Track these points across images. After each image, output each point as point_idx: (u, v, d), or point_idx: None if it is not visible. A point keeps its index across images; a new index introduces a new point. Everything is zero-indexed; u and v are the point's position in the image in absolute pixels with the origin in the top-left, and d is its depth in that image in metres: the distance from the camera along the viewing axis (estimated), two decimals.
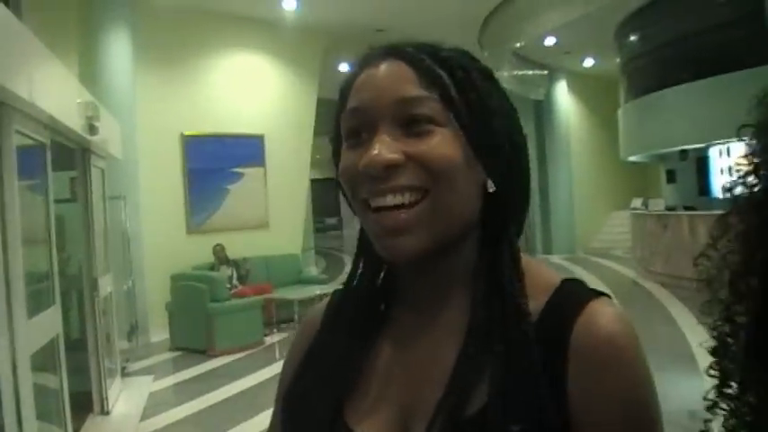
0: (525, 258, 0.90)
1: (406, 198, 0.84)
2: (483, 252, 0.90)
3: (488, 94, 0.90)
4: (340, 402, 0.91)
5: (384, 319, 0.97)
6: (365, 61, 0.92)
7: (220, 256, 10.52)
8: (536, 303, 0.85)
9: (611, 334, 0.82)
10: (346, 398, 0.91)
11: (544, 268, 0.93)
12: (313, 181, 17.94)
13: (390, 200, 0.84)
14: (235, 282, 10.38)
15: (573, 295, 0.86)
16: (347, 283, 1.00)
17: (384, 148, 0.83)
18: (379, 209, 0.85)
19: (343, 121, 0.90)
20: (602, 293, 0.86)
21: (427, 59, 0.87)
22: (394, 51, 0.89)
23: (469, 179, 0.87)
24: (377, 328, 0.96)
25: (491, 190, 0.88)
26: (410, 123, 0.85)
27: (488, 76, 0.92)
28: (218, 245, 10.60)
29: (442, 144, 0.84)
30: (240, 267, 10.71)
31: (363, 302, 0.97)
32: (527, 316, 0.83)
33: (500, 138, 0.89)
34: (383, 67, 0.88)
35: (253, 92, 12.22)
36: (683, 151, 15.08)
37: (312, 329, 1.03)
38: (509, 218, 0.92)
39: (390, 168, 0.83)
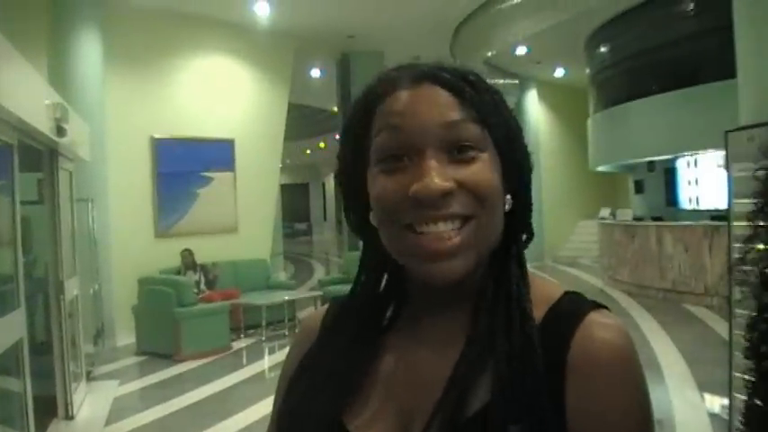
0: (528, 271, 0.93)
1: (456, 225, 0.84)
2: (492, 264, 0.91)
3: (510, 114, 0.93)
4: (339, 408, 0.91)
5: (386, 328, 0.98)
6: (394, 83, 0.90)
7: (187, 261, 10.47)
8: (537, 314, 0.87)
9: (609, 346, 0.83)
10: (346, 404, 0.92)
11: (546, 281, 0.95)
12: (283, 186, 17.94)
13: (442, 227, 0.84)
14: (202, 287, 10.33)
15: (572, 307, 0.88)
16: (351, 293, 1.01)
17: (438, 176, 0.83)
18: (425, 234, 0.84)
19: (379, 144, 0.88)
20: (601, 306, 0.88)
21: (465, 85, 0.88)
22: (430, 75, 0.89)
23: (502, 199, 0.89)
24: (378, 336, 0.97)
25: (508, 208, 0.90)
26: (456, 149, 0.85)
27: (501, 96, 0.94)
28: (185, 249, 10.54)
29: (486, 169, 0.86)
30: (208, 272, 10.66)
31: (365, 311, 0.98)
32: (531, 320, 0.85)
33: (520, 156, 0.93)
34: (424, 92, 0.88)
35: (223, 96, 12.18)
36: (651, 162, 15.25)
37: (309, 338, 1.04)
38: (519, 232, 0.95)
39: (447, 197, 0.83)
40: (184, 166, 11.52)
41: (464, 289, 0.90)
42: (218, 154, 11.99)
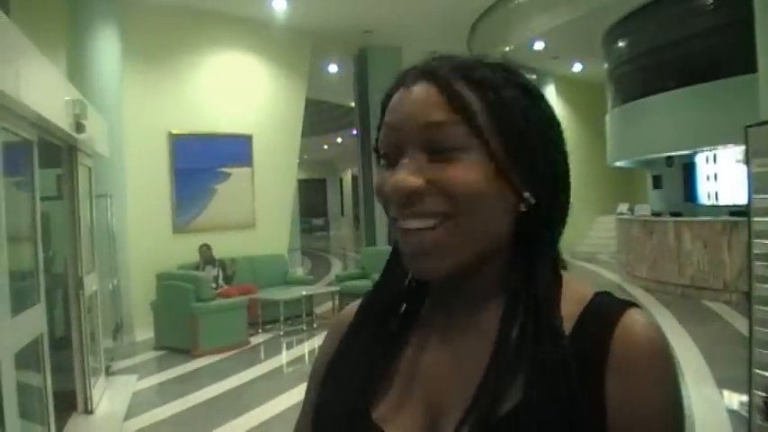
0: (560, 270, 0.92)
1: (431, 222, 0.84)
2: (516, 266, 0.90)
3: (523, 111, 0.88)
4: (366, 400, 0.92)
5: (414, 320, 0.99)
6: (402, 79, 0.91)
7: (206, 256, 10.51)
8: (568, 315, 0.86)
9: (649, 344, 0.83)
10: (372, 395, 0.93)
11: (578, 280, 0.94)
12: (300, 181, 17.96)
13: (416, 224, 0.85)
14: (220, 282, 10.36)
15: (608, 306, 0.87)
16: (377, 285, 1.03)
17: (406, 175, 0.84)
18: (405, 229, 0.87)
19: (378, 139, 0.92)
20: (634, 304, 0.88)
21: (458, 83, 0.87)
22: (428, 73, 0.88)
23: (496, 200, 0.86)
24: (404, 331, 0.98)
25: (523, 209, 0.88)
26: (435, 149, 0.85)
27: (527, 90, 0.91)
28: (204, 245, 10.58)
29: (466, 171, 0.84)
30: (227, 267, 10.69)
31: (390, 306, 0.99)
32: (561, 335, 0.84)
33: (536, 155, 0.89)
34: (415, 90, 0.88)
35: (241, 91, 12.22)
36: (670, 157, 15.17)
37: (340, 331, 1.05)
38: (545, 233, 0.91)
39: (413, 195, 0.84)
40: (202, 161, 11.58)
41: (490, 290, 0.90)
42: (235, 150, 12.03)
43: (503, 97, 0.88)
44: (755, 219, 4.60)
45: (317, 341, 9.67)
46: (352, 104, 17.48)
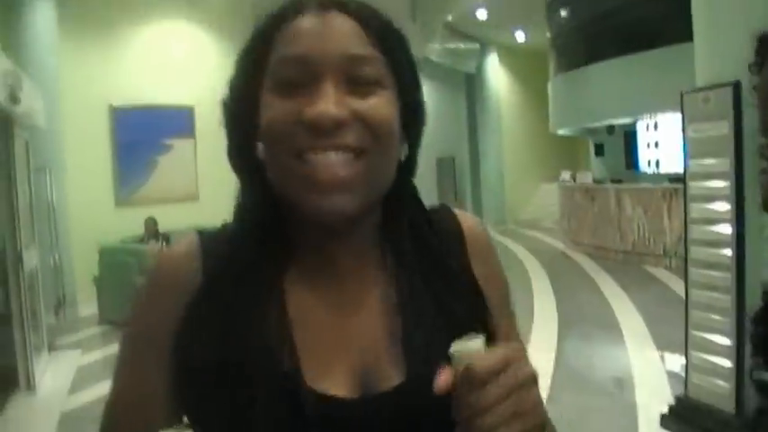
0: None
1: (349, 157, 0.81)
2: (391, 210, 0.94)
3: (413, 60, 0.92)
4: (297, 359, 0.84)
5: (281, 266, 0.90)
6: (300, 7, 0.87)
7: (151, 231, 10.37)
8: None
9: (482, 225, 1.09)
10: (290, 354, 0.84)
11: None
12: None
13: (333, 157, 0.81)
14: None
15: (440, 212, 1.05)
16: (230, 237, 0.92)
17: (333, 104, 0.80)
18: (321, 163, 0.81)
19: (277, 68, 0.85)
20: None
21: (373, 19, 0.87)
22: (339, 4, 0.86)
23: (396, 141, 0.87)
24: (279, 275, 0.89)
25: (403, 157, 0.90)
26: (356, 81, 0.83)
27: (406, 37, 0.92)
28: (150, 218, 10.44)
29: (385, 105, 0.84)
30: (171, 240, 10.57)
31: (255, 257, 0.89)
32: (448, 262, 0.97)
33: (420, 104, 0.92)
34: (332, 19, 0.85)
35: (183, 62, 12.05)
36: (611, 125, 15.36)
37: (186, 279, 0.90)
38: (411, 178, 0.97)
39: (341, 125, 0.81)
40: (143, 133, 11.44)
41: (362, 224, 0.90)
42: (177, 121, 11.89)
43: (401, 39, 0.90)
44: (691, 183, 4.70)
45: None
46: None
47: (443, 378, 0.73)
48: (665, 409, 4.91)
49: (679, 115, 4.80)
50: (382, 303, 0.90)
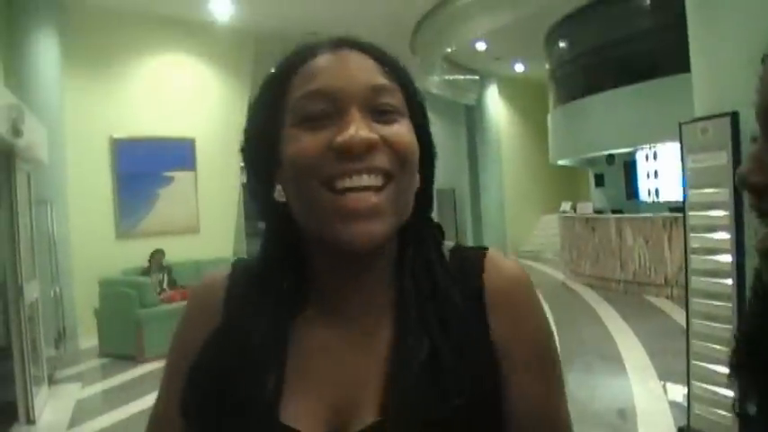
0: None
1: (380, 181, 0.84)
2: (407, 246, 0.94)
3: (421, 95, 0.96)
4: (272, 396, 0.86)
5: (295, 311, 0.93)
6: (313, 49, 0.91)
7: (158, 262, 10.34)
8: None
9: (516, 276, 0.95)
10: (279, 390, 0.87)
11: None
12: (244, 185, 17.82)
13: (366, 180, 0.83)
14: (165, 286, 10.23)
15: (467, 252, 0.96)
16: (265, 259, 0.97)
17: (363, 128, 0.83)
18: (345, 191, 0.83)
19: (300, 103, 0.87)
20: (486, 248, 0.97)
21: (383, 54, 0.91)
22: (350, 43, 0.91)
23: (417, 168, 0.90)
24: (292, 314, 0.93)
25: (418, 187, 0.92)
26: (379, 111, 0.87)
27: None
28: (158, 250, 10.41)
29: (407, 132, 0.88)
30: (172, 272, 10.56)
31: (275, 294, 0.92)
32: (453, 294, 0.90)
33: (428, 136, 0.95)
34: (348, 55, 0.89)
35: (184, 95, 12.09)
36: (610, 156, 15.41)
37: (212, 309, 0.98)
38: (429, 213, 0.97)
39: (372, 148, 0.83)
40: (145, 166, 11.44)
41: (378, 262, 0.91)
42: (178, 154, 11.90)
43: (412, 80, 0.94)
44: (691, 213, 4.71)
45: None
46: None
47: None
48: None
49: (677, 144, 4.83)
50: (382, 345, 0.90)
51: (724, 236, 4.43)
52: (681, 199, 5.04)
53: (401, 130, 0.87)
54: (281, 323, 0.91)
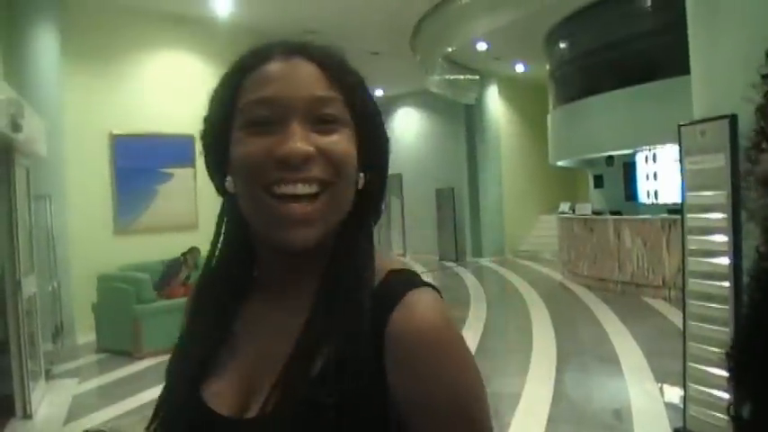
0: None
1: (314, 189, 0.90)
2: (343, 237, 0.97)
3: (369, 99, 0.99)
4: (201, 376, 0.97)
5: (245, 294, 1.04)
6: (267, 54, 0.97)
7: (195, 260, 10.08)
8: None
9: (424, 329, 0.87)
10: (205, 371, 0.97)
11: (388, 257, 1.00)
12: None
13: (300, 189, 0.89)
14: (189, 281, 9.98)
15: (396, 285, 0.92)
16: (208, 261, 1.06)
17: (302, 141, 0.89)
18: (283, 197, 0.89)
19: (248, 107, 0.93)
20: (426, 284, 0.93)
21: (332, 63, 0.96)
22: (301, 50, 0.96)
23: (355, 175, 0.95)
24: (239, 303, 1.03)
25: (361, 185, 0.96)
26: (319, 120, 0.92)
27: (364, 81, 1.00)
28: (194, 248, 10.13)
29: (345, 141, 0.93)
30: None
31: (225, 279, 1.04)
32: (365, 295, 0.90)
33: (375, 140, 0.99)
34: (296, 65, 0.94)
35: (183, 91, 12.05)
36: (610, 157, 15.39)
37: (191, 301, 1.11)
38: (370, 209, 1.01)
39: (308, 160, 0.89)
40: (144, 162, 11.43)
41: (313, 257, 0.95)
42: (177, 150, 11.86)
43: (358, 82, 0.98)
44: (689, 215, 4.72)
45: None
46: None
47: None
48: None
49: (676, 147, 4.83)
50: (299, 327, 0.93)
51: (721, 238, 4.44)
52: (678, 200, 5.04)
53: (338, 141, 0.92)
54: (230, 307, 1.02)
